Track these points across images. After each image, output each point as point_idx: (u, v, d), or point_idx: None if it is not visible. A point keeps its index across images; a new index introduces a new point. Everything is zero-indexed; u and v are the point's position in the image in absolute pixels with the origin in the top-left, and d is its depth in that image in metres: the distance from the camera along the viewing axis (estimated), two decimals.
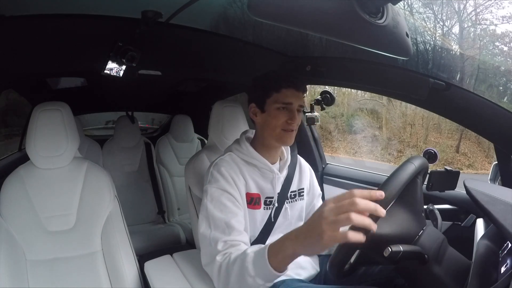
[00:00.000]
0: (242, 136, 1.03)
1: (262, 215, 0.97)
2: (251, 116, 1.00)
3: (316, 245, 0.58)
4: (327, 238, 0.55)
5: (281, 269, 0.67)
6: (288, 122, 0.93)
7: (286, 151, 1.06)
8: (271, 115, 0.94)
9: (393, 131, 7.69)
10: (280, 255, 0.65)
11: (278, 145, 0.99)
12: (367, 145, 7.58)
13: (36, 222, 1.03)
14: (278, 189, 1.00)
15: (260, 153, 0.98)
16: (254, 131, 1.05)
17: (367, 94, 7.75)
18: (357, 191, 0.55)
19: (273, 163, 1.00)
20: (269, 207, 0.98)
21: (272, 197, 0.98)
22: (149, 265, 1.05)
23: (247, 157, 0.97)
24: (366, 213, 0.54)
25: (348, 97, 8.31)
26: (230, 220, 0.85)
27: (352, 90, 7.11)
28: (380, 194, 0.56)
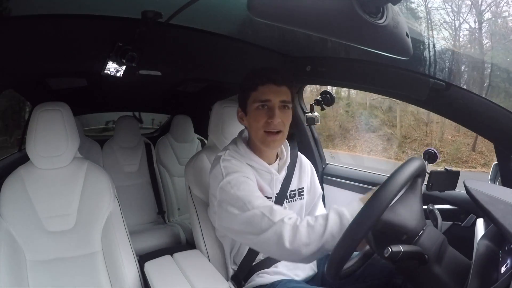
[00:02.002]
0: (239, 136, 1.01)
1: None
2: (240, 122, 0.98)
3: None
4: None
5: None
6: (268, 122, 0.87)
7: (286, 150, 1.03)
8: (252, 116, 0.89)
9: (408, 129, 7.63)
10: None
11: (265, 149, 0.95)
12: (383, 143, 7.54)
13: (36, 223, 1.03)
14: (277, 190, 0.98)
15: (257, 154, 0.96)
16: None
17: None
18: None
19: (270, 164, 0.98)
20: None
21: (270, 198, 0.97)
22: (149, 265, 1.05)
23: (244, 158, 0.95)
24: None
25: (366, 96, 8.25)
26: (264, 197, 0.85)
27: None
28: None
